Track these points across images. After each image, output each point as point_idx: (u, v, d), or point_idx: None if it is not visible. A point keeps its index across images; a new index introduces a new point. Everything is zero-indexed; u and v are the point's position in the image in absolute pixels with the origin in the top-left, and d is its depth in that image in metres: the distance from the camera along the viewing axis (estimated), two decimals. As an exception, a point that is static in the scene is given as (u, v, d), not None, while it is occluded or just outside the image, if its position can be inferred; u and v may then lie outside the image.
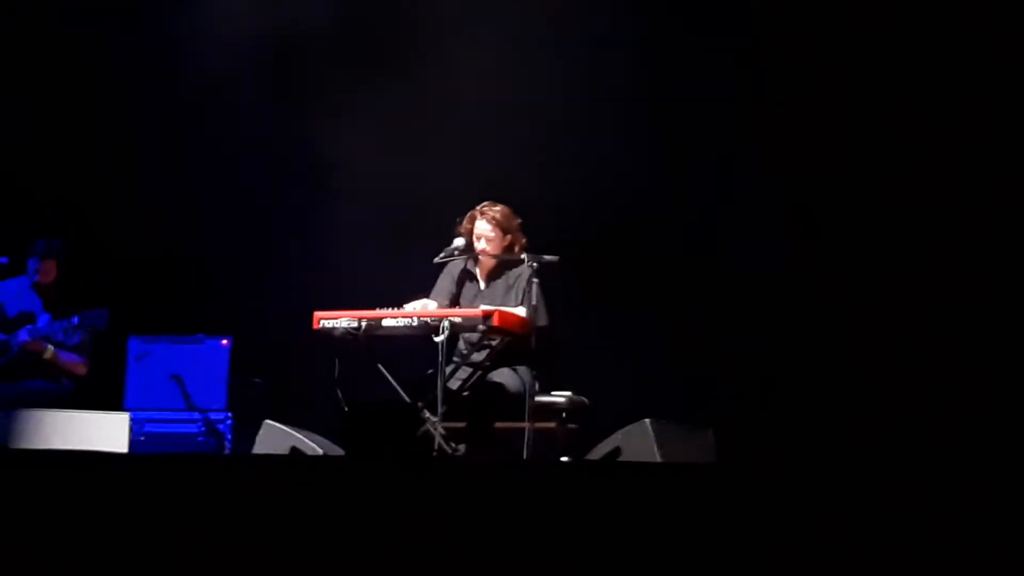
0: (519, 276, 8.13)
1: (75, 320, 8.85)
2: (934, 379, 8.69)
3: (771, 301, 9.23)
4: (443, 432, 7.62)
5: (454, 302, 8.20)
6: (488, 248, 8.17)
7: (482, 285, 8.28)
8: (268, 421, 8.12)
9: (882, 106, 9.05)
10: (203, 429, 9.24)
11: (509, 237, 8.18)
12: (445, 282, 8.29)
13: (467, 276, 8.30)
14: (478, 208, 8.20)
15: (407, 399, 7.76)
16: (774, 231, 9.25)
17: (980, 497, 4.79)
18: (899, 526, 4.77)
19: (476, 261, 8.27)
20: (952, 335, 8.73)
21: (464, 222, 8.21)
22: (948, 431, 8.44)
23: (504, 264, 8.24)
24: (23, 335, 8.97)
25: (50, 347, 9.00)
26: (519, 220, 8.23)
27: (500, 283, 8.24)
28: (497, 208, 8.19)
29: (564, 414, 7.97)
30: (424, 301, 8.03)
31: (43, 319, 9.03)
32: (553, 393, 7.99)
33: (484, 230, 8.17)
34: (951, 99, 8.90)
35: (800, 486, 4.96)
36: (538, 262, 7.84)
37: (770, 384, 9.11)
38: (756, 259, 9.28)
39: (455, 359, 8.03)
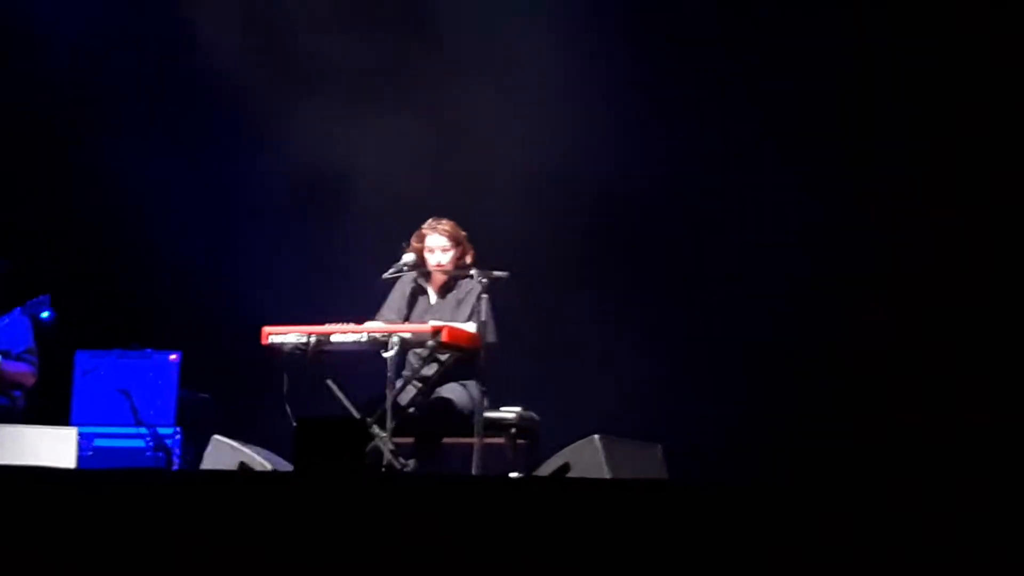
0: (470, 291, 8.14)
1: (16, 312, 8.79)
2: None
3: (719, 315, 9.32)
4: (392, 447, 7.63)
5: (404, 318, 8.20)
6: (444, 261, 8.17)
7: (432, 300, 8.28)
8: (216, 436, 8.08)
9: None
10: (151, 444, 9.18)
11: (460, 248, 8.21)
12: (395, 297, 8.29)
13: (417, 291, 8.30)
14: (426, 225, 8.22)
15: (356, 415, 7.76)
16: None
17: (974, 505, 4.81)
18: (870, 545, 4.79)
19: (427, 277, 8.28)
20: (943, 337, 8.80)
21: (412, 241, 8.22)
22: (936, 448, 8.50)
23: (454, 279, 8.25)
24: None
25: None
26: (464, 232, 8.25)
27: (451, 298, 8.25)
28: (444, 221, 8.21)
29: (513, 430, 7.98)
30: (375, 323, 8.04)
31: None
32: (502, 409, 8.00)
33: (439, 243, 8.18)
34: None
35: (753, 504, 4.98)
36: (488, 278, 7.86)
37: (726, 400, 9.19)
38: (708, 271, 9.39)
39: (404, 374, 8.02)
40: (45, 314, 8.81)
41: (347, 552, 4.90)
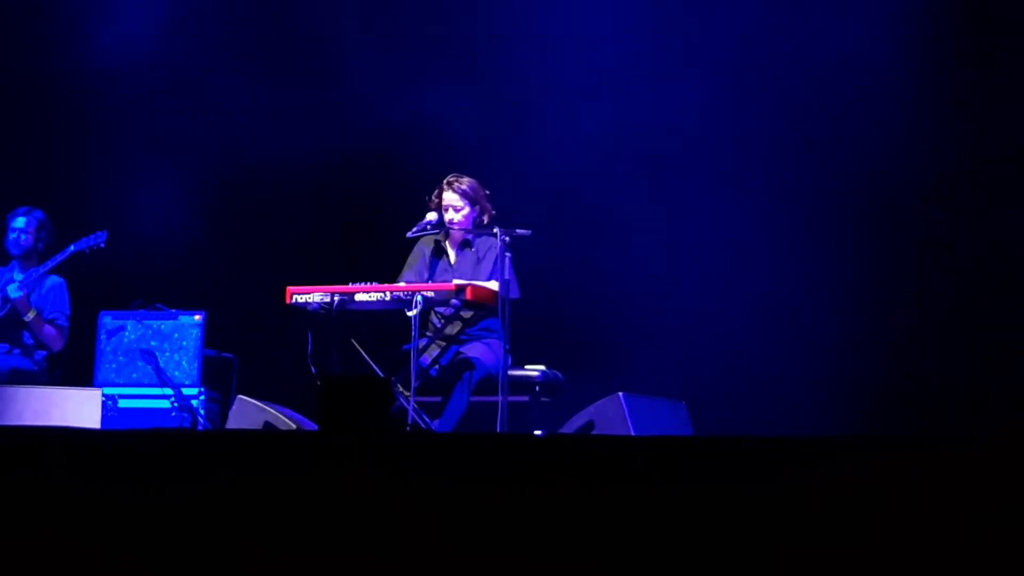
0: (489, 248, 8.14)
1: (71, 249, 8.91)
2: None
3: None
4: (416, 407, 7.63)
5: (424, 280, 8.19)
6: (456, 219, 8.16)
7: (452, 258, 8.27)
8: (241, 396, 8.11)
9: None
10: (176, 405, 9.20)
11: (477, 207, 8.19)
12: (415, 258, 8.30)
13: (437, 250, 8.30)
14: (445, 181, 8.21)
15: (381, 374, 7.76)
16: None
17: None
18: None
19: (447, 235, 8.27)
20: None
21: (434, 196, 8.23)
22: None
23: (473, 237, 8.25)
24: (10, 291, 8.95)
25: (34, 309, 9.00)
26: (487, 191, 8.23)
27: (470, 256, 8.25)
28: (464, 180, 8.19)
29: (537, 388, 7.99)
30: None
31: (27, 274, 9.05)
32: (526, 367, 8.01)
33: (452, 200, 8.17)
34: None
35: (779, 458, 4.96)
36: (510, 236, 7.84)
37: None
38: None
39: (428, 334, 8.03)
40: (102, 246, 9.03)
41: (373, 510, 4.90)
